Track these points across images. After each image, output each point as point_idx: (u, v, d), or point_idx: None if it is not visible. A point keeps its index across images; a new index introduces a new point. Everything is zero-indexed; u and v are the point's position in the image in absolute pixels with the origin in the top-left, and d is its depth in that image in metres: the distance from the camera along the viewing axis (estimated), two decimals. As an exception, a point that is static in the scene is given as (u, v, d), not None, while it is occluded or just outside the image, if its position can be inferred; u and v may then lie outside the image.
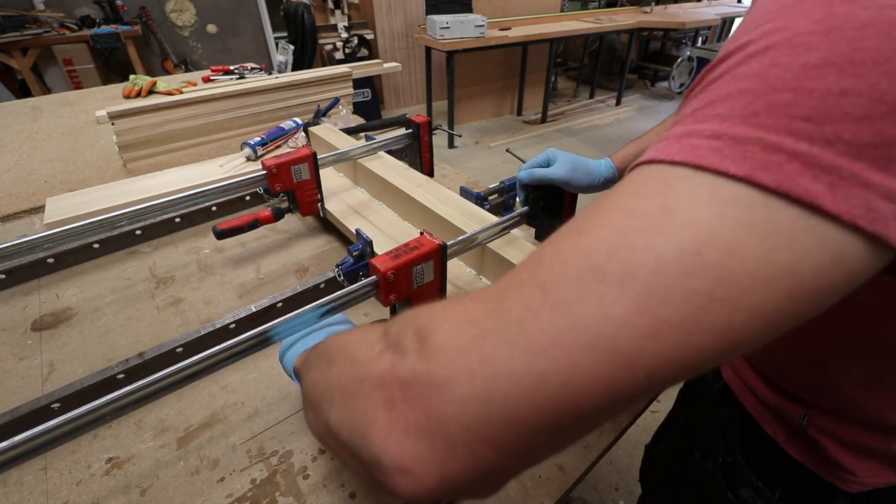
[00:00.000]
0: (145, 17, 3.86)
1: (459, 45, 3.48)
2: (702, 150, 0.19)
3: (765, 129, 0.18)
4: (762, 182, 0.18)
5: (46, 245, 0.67)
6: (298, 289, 0.71)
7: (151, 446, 0.55)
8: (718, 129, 0.19)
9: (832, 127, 0.17)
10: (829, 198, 0.17)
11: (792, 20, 0.19)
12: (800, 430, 0.48)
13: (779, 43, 0.19)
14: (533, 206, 0.71)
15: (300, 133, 1.26)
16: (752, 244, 0.17)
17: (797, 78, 0.18)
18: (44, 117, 1.61)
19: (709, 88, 0.21)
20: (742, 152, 0.18)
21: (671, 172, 0.20)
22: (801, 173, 0.17)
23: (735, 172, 0.18)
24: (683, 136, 0.20)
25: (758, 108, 0.18)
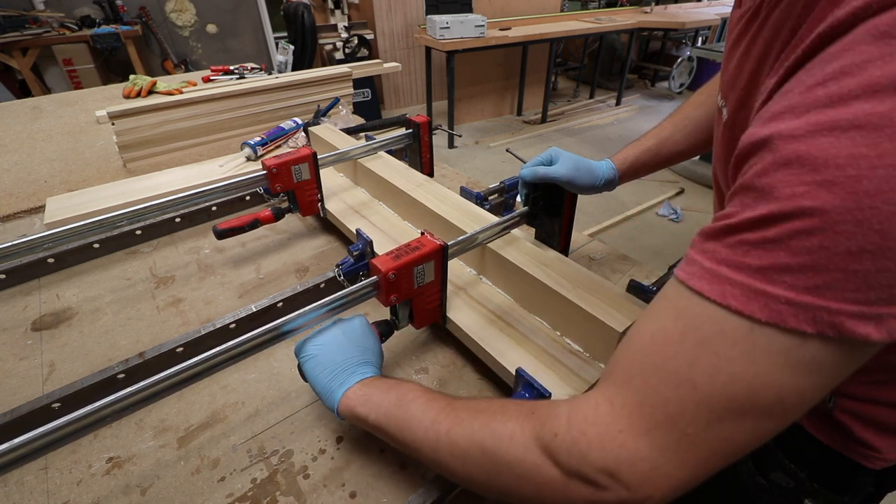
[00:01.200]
0: (145, 17, 3.86)
1: (459, 45, 3.48)
2: (784, 314, 0.26)
3: (826, 299, 0.25)
4: (829, 335, 0.25)
5: (46, 245, 0.67)
6: (298, 289, 0.71)
7: (152, 446, 0.55)
8: (791, 298, 0.26)
9: (875, 293, 0.24)
10: (876, 333, 0.25)
11: (824, 198, 0.24)
12: (825, 413, 0.49)
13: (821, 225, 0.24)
14: (533, 205, 0.71)
15: (300, 133, 1.26)
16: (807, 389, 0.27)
17: (844, 262, 0.24)
18: (44, 117, 1.61)
19: (766, 249, 0.26)
20: (812, 317, 0.25)
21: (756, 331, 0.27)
22: (857, 325, 0.25)
23: (810, 331, 0.26)
24: (760, 294, 0.27)
25: (818, 283, 0.25)
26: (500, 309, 0.66)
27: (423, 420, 0.42)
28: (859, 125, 0.22)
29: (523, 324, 0.63)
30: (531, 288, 0.64)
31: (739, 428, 0.28)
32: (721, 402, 0.28)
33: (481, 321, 0.64)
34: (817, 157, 0.24)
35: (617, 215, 2.93)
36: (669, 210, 2.96)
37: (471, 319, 0.64)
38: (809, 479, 0.52)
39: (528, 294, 0.65)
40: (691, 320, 0.30)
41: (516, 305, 0.67)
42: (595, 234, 2.66)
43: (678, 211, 2.93)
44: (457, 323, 0.63)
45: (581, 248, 0.90)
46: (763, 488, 0.56)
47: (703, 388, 0.28)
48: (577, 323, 0.59)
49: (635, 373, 0.32)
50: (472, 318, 0.64)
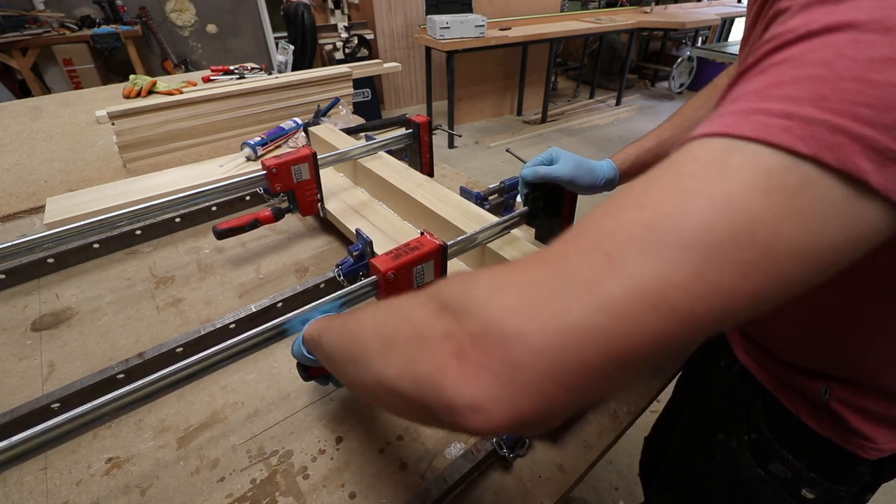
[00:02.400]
0: (145, 17, 3.85)
1: (459, 45, 3.48)
2: (773, 127, 0.21)
3: (832, 112, 0.20)
4: (825, 161, 0.20)
5: (46, 245, 0.67)
6: (298, 289, 0.71)
7: (151, 446, 0.55)
8: (789, 110, 0.21)
9: (890, 115, 0.20)
10: (874, 175, 0.20)
11: (851, 14, 0.21)
12: (821, 404, 0.50)
13: (842, 37, 0.21)
14: (533, 205, 0.71)
15: (300, 133, 1.26)
16: (793, 227, 0.21)
17: (863, 70, 0.20)
18: (44, 117, 1.61)
19: (772, 71, 0.23)
20: (811, 132, 0.21)
21: (733, 148, 0.22)
22: (859, 154, 0.20)
23: (804, 152, 0.21)
24: (752, 112, 0.22)
25: (826, 93, 0.21)
26: (500, 309, 0.66)
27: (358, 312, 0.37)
28: None
29: (523, 324, 0.63)
30: (531, 288, 0.64)
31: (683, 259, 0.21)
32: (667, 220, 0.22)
33: (481, 321, 0.64)
34: None
35: (617, 215, 2.92)
36: (669, 210, 2.96)
37: (471, 319, 0.64)
38: (807, 469, 0.53)
39: (528, 294, 0.65)
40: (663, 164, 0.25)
41: (516, 305, 0.67)
42: (595, 234, 2.65)
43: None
44: (457, 323, 0.63)
45: (581, 248, 0.90)
46: (762, 479, 0.57)
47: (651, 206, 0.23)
48: (576, 323, 0.59)
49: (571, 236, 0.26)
50: (472, 319, 0.64)
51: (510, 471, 0.53)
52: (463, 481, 0.51)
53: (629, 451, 1.56)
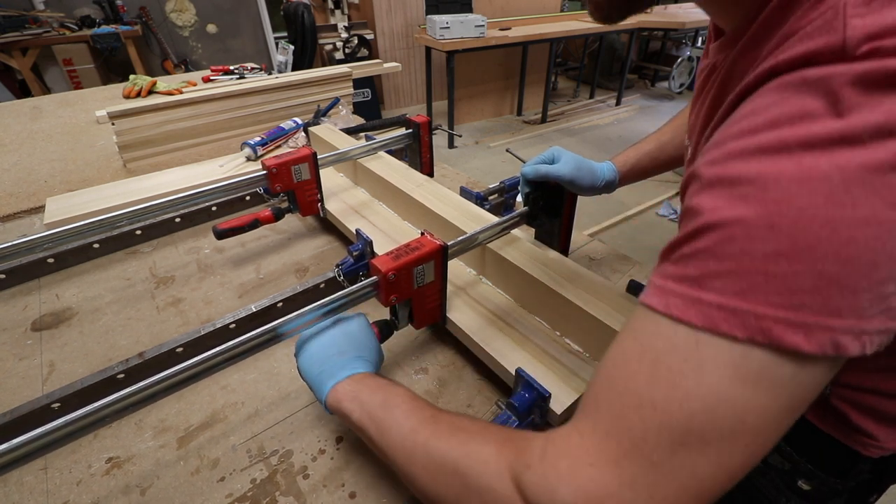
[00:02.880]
0: (145, 17, 3.85)
1: (459, 45, 3.48)
2: (716, 319, 0.27)
3: (753, 303, 0.26)
4: (759, 341, 0.26)
5: (46, 245, 0.67)
6: (298, 289, 0.71)
7: (152, 446, 0.55)
8: (722, 303, 0.27)
9: (797, 298, 0.25)
10: (807, 344, 0.25)
11: (740, 209, 0.26)
12: (822, 399, 0.49)
13: (738, 231, 0.26)
14: (533, 206, 0.71)
15: (300, 133, 1.26)
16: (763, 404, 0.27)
17: (763, 265, 0.26)
18: (44, 117, 1.61)
19: (699, 259, 0.28)
20: (742, 322, 0.26)
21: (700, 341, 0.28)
22: (785, 332, 0.25)
23: (741, 337, 0.26)
24: (695, 301, 0.28)
25: (743, 287, 0.26)
26: (500, 309, 0.66)
27: (404, 427, 0.41)
28: (763, 150, 0.26)
29: (523, 324, 0.63)
30: (531, 288, 0.64)
31: (704, 456, 0.27)
32: (681, 423, 0.28)
33: (481, 321, 0.64)
34: (732, 176, 0.27)
35: (617, 215, 2.93)
36: (669, 210, 2.96)
37: (471, 320, 0.64)
38: (806, 461, 0.53)
39: (528, 294, 0.65)
40: (646, 338, 0.30)
41: (516, 306, 0.67)
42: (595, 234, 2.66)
43: (678, 211, 2.93)
44: (457, 323, 0.63)
45: (581, 248, 0.90)
46: (759, 470, 0.57)
47: (662, 407, 0.28)
48: (576, 323, 0.59)
49: (602, 399, 0.32)
50: (472, 319, 0.64)
51: (510, 471, 0.53)
52: (463, 481, 0.51)
53: (629, 451, 1.56)
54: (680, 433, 0.27)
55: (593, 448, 0.30)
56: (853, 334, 0.25)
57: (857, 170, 0.24)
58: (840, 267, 0.24)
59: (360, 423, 0.44)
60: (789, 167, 0.25)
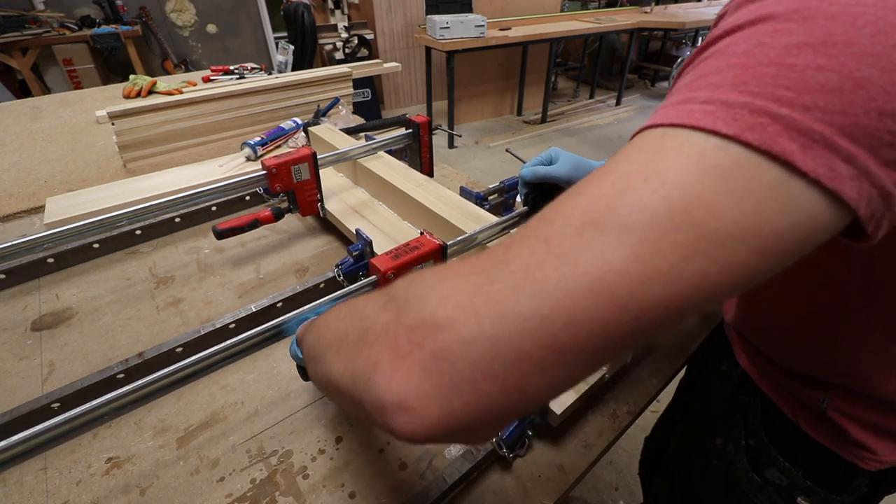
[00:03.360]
0: (145, 17, 3.86)
1: (459, 45, 3.48)
2: (696, 113, 0.22)
3: (752, 95, 0.21)
4: (748, 141, 0.20)
5: (46, 245, 0.67)
6: (298, 289, 0.71)
7: (151, 446, 0.55)
8: (711, 96, 0.22)
9: (810, 96, 0.20)
10: (801, 156, 0.20)
11: (772, 7, 0.22)
12: (820, 413, 0.49)
13: (762, 27, 0.22)
14: (533, 206, 0.71)
15: (300, 133, 1.26)
16: (730, 206, 0.20)
17: (780, 55, 0.21)
18: (44, 117, 1.61)
19: (701, 65, 0.24)
20: (732, 115, 0.21)
21: (667, 134, 0.22)
22: (781, 134, 0.20)
23: (726, 132, 0.21)
24: (679, 102, 0.23)
25: (746, 78, 0.21)
26: (500, 309, 0.66)
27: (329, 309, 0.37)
28: None
29: (523, 324, 0.63)
30: (531, 288, 0.64)
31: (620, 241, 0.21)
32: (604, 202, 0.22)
33: (481, 321, 0.64)
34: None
35: (617, 215, 2.92)
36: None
37: (470, 319, 0.64)
38: (804, 477, 0.53)
39: (528, 294, 0.65)
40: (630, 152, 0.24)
41: (516, 305, 0.67)
42: (595, 234, 2.65)
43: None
44: (456, 323, 0.63)
45: (581, 248, 0.90)
46: (757, 485, 0.56)
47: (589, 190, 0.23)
48: (576, 323, 0.59)
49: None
50: (472, 319, 0.64)
51: (510, 471, 0.53)
52: (462, 481, 0.51)
53: (629, 451, 1.56)
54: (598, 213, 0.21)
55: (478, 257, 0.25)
56: (857, 170, 0.20)
57: None
58: (878, 73, 0.20)
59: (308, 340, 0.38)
60: None
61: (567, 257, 0.21)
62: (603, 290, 0.20)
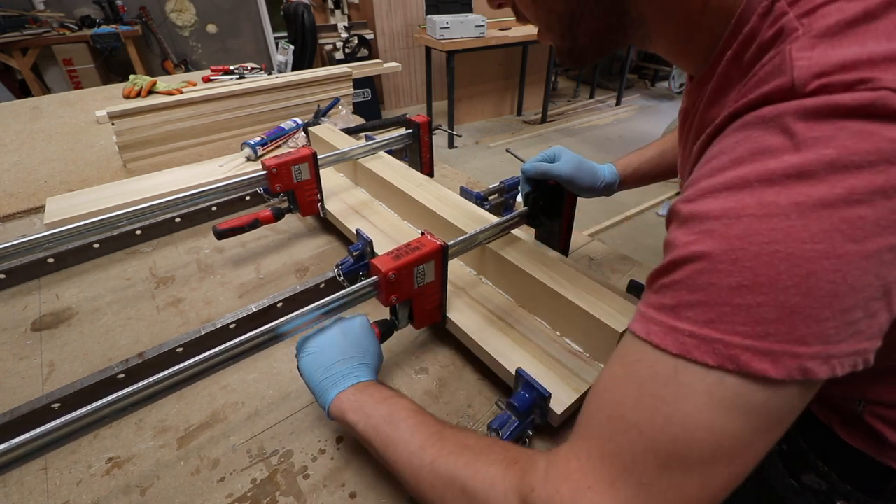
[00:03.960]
0: (145, 17, 3.85)
1: (459, 45, 3.48)
2: (689, 347, 0.28)
3: (721, 332, 0.27)
4: (729, 369, 0.27)
5: (46, 245, 0.67)
6: (298, 289, 0.71)
7: (152, 446, 0.55)
8: (694, 331, 0.28)
9: (763, 327, 0.26)
10: (774, 371, 0.26)
11: (706, 244, 0.28)
12: (855, 416, 0.49)
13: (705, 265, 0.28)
14: (533, 205, 0.71)
15: (300, 133, 1.26)
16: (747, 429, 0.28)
17: (728, 296, 0.27)
18: (44, 117, 1.61)
19: (675, 289, 0.30)
20: (713, 349, 0.28)
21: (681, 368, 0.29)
22: (752, 359, 0.27)
23: (712, 364, 0.28)
24: (671, 330, 0.29)
25: (712, 317, 0.28)
26: (500, 309, 0.66)
27: (410, 444, 0.42)
28: (728, 187, 0.28)
29: (523, 324, 0.63)
30: (531, 288, 0.64)
31: (688, 478, 0.29)
32: (664, 446, 0.29)
33: (481, 321, 0.64)
34: (701, 213, 0.29)
35: (617, 215, 2.93)
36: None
37: (471, 320, 0.64)
38: (842, 481, 0.52)
39: (528, 294, 0.65)
40: (631, 364, 0.31)
41: (516, 306, 0.67)
42: (595, 234, 2.66)
43: (678, 211, 2.93)
44: (457, 323, 0.63)
45: (581, 248, 0.90)
46: (794, 490, 0.55)
47: (647, 431, 0.29)
48: (576, 323, 0.59)
49: (594, 423, 0.33)
50: (472, 319, 0.64)
51: (510, 471, 0.53)
52: (463, 481, 0.50)
53: (629, 451, 1.56)
54: (664, 456, 0.29)
55: (590, 471, 0.31)
56: (821, 359, 0.26)
57: (815, 205, 0.25)
58: (802, 299, 0.26)
59: (366, 435, 0.45)
60: (751, 203, 0.27)
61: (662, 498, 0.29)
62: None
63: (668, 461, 0.29)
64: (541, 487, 0.33)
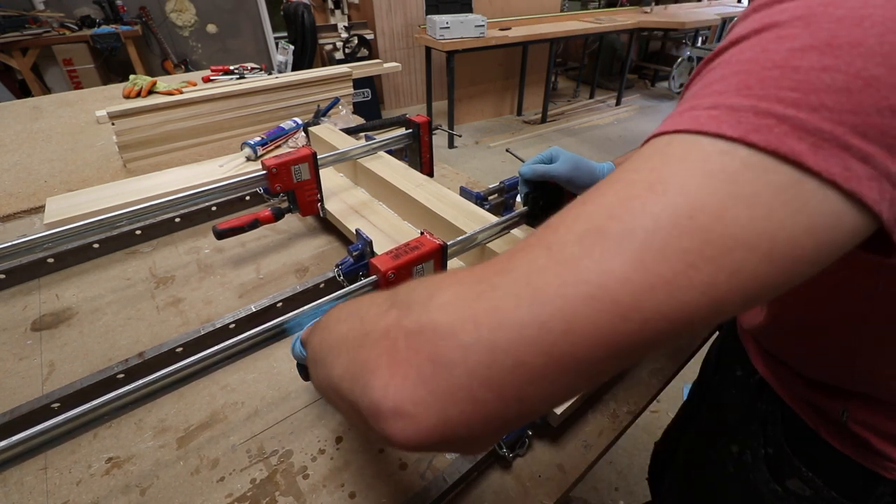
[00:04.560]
0: (145, 17, 3.85)
1: (459, 45, 3.48)
2: (701, 118, 0.22)
3: (757, 98, 0.20)
4: (754, 142, 0.20)
5: (46, 245, 0.67)
6: (298, 289, 0.71)
7: (151, 446, 0.55)
8: (716, 101, 0.22)
9: (816, 96, 0.20)
10: (811, 157, 0.19)
11: (776, 16, 0.22)
12: (840, 424, 0.49)
13: (766, 35, 0.22)
14: (533, 205, 0.71)
15: (300, 133, 1.26)
16: (737, 210, 0.19)
17: (784, 59, 0.21)
18: (44, 117, 1.61)
19: (706, 75, 0.24)
20: (737, 118, 0.20)
21: (672, 141, 0.22)
22: (789, 134, 0.19)
23: (731, 135, 0.20)
24: (685, 111, 0.23)
25: (751, 83, 0.21)
26: (500, 309, 0.66)
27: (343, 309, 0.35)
28: None
29: (523, 324, 0.63)
30: (531, 288, 0.63)
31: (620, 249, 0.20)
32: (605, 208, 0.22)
33: (481, 321, 0.64)
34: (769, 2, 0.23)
35: (617, 215, 2.92)
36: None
37: (470, 319, 0.64)
38: (827, 486, 0.51)
39: (528, 294, 0.65)
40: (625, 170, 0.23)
41: (516, 305, 0.67)
42: (595, 234, 2.65)
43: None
44: (456, 323, 0.63)
45: (581, 248, 0.90)
46: (778, 496, 0.55)
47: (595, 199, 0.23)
48: (576, 323, 0.58)
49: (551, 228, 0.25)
50: (472, 318, 0.64)
51: (510, 470, 0.53)
52: (462, 481, 0.51)
53: (629, 450, 1.56)
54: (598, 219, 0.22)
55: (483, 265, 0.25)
56: (875, 169, 0.19)
57: None
58: (887, 71, 0.19)
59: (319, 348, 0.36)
60: None
61: (568, 264, 0.21)
62: (604, 298, 0.20)
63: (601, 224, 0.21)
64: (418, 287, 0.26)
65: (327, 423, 0.58)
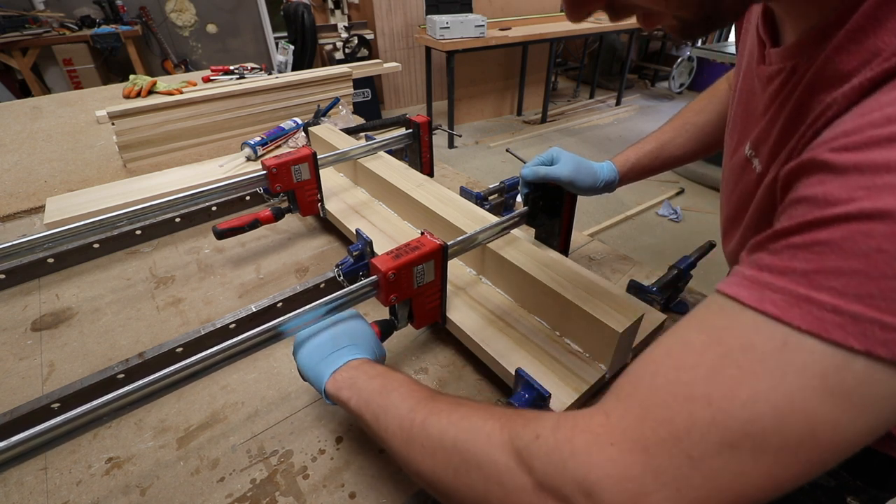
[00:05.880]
0: (145, 17, 3.85)
1: (459, 45, 3.48)
2: (827, 323, 0.23)
3: (880, 311, 0.22)
4: (881, 355, 0.22)
5: (46, 245, 0.67)
6: (298, 289, 0.71)
7: (151, 446, 0.55)
8: (838, 306, 0.23)
9: None
10: None
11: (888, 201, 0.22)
12: None
13: (880, 228, 0.22)
14: (533, 206, 0.71)
15: (300, 133, 1.26)
16: (854, 423, 0.23)
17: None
18: (44, 117, 1.61)
19: (815, 251, 0.24)
20: (862, 330, 0.22)
21: (794, 343, 0.24)
22: None
23: (859, 349, 0.22)
24: (802, 299, 0.24)
25: (872, 291, 0.22)
26: (500, 309, 0.66)
27: (401, 408, 0.39)
28: None
29: (523, 324, 0.63)
30: (531, 288, 0.64)
31: (756, 462, 0.24)
32: (738, 423, 0.24)
33: (481, 321, 0.64)
34: (876, 163, 0.23)
35: (617, 215, 2.93)
36: (669, 210, 2.96)
37: (471, 320, 0.64)
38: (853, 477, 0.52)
39: (528, 294, 0.65)
40: (719, 330, 0.27)
41: (516, 306, 0.67)
42: (595, 234, 2.66)
43: (678, 211, 2.93)
44: (457, 323, 0.63)
45: (581, 248, 0.90)
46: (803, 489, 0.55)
47: (719, 404, 0.25)
48: (576, 323, 0.59)
49: (643, 385, 0.29)
50: (472, 319, 0.64)
51: (510, 471, 0.53)
52: (463, 481, 0.51)
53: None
54: (733, 434, 0.25)
55: (620, 430, 0.28)
56: None
57: None
58: None
59: (358, 411, 0.43)
60: None
61: (712, 477, 0.25)
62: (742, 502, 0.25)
63: (737, 440, 0.24)
64: (548, 434, 0.29)
65: (327, 424, 0.58)
